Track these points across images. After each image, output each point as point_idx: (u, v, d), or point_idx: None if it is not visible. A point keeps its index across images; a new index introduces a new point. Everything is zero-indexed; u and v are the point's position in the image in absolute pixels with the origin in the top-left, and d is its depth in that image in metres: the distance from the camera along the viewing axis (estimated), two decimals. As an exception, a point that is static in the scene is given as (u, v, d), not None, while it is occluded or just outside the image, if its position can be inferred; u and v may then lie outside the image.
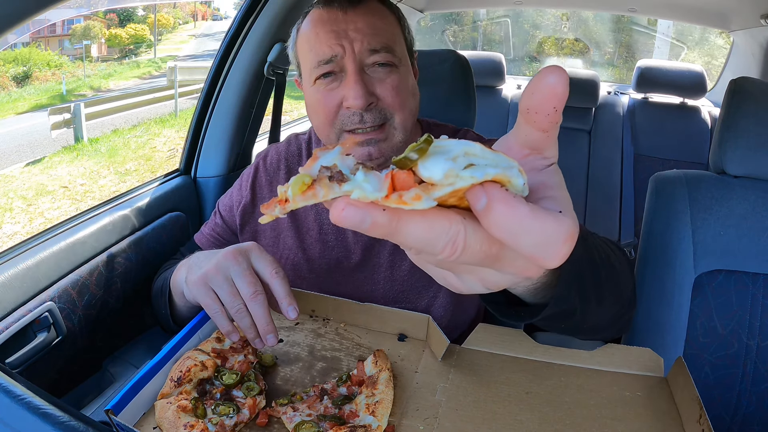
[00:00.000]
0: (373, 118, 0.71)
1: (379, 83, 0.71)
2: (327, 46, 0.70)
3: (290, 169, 0.87)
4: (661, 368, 0.63)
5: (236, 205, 0.88)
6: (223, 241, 0.90)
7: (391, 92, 0.71)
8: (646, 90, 2.21)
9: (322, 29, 0.71)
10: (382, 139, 0.73)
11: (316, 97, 0.74)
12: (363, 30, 0.70)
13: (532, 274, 0.29)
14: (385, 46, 0.71)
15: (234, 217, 0.88)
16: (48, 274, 0.81)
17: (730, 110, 0.88)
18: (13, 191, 5.35)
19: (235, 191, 0.90)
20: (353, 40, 0.70)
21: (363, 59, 0.71)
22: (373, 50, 0.70)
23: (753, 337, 0.87)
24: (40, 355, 0.77)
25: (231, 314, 0.61)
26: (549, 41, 6.90)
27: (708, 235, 0.89)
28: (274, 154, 0.89)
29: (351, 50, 0.70)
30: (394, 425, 0.55)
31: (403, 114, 0.73)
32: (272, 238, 0.84)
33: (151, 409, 0.58)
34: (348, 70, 0.70)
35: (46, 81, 10.28)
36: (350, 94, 0.69)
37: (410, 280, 0.79)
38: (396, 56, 0.73)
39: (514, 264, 0.28)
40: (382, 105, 0.71)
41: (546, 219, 0.24)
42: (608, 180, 2.16)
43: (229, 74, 1.19)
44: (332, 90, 0.72)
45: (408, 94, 0.74)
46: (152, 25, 13.78)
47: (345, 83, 0.70)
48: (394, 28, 0.75)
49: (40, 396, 0.42)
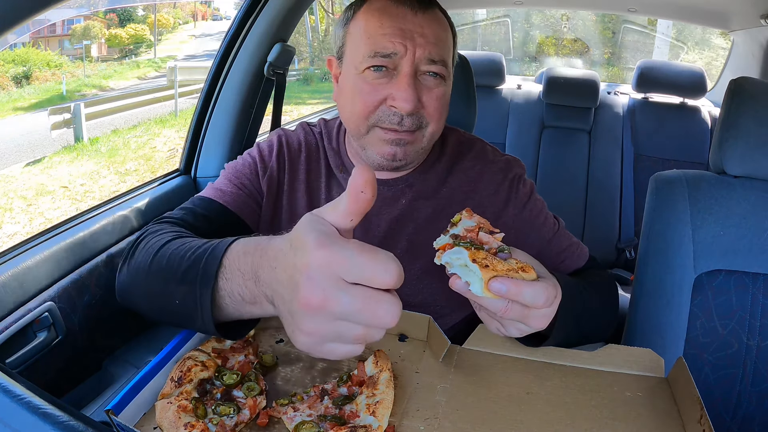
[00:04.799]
0: (411, 123, 0.71)
1: (427, 92, 0.72)
2: (390, 41, 0.70)
3: (310, 157, 0.83)
4: (662, 368, 0.63)
5: (261, 173, 0.80)
6: (245, 197, 0.79)
7: (435, 103, 0.72)
8: (646, 90, 2.21)
9: (389, 22, 0.70)
10: (410, 141, 0.73)
11: (359, 86, 0.72)
12: (428, 37, 0.71)
13: (542, 326, 0.56)
14: (442, 59, 0.72)
15: (259, 182, 0.80)
16: (48, 274, 0.81)
17: (730, 110, 0.88)
18: (13, 191, 5.35)
19: (256, 158, 0.81)
20: (417, 44, 0.70)
21: (419, 65, 0.71)
22: (431, 60, 0.71)
23: (753, 337, 0.87)
24: (40, 355, 0.77)
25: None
26: (549, 41, 6.90)
27: (708, 235, 0.89)
28: (294, 137, 0.85)
29: (412, 53, 0.70)
30: (394, 425, 0.55)
31: (437, 125, 0.74)
32: (286, 221, 0.82)
33: (151, 409, 0.58)
34: (403, 71, 0.70)
35: (46, 81, 10.27)
36: (401, 96, 0.69)
37: (418, 284, 0.78)
38: (447, 70, 0.74)
39: (535, 320, 0.55)
40: (423, 112, 0.72)
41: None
42: (608, 180, 2.16)
43: (229, 74, 1.19)
44: (380, 84, 0.71)
45: (445, 107, 0.75)
46: (152, 25, 13.78)
47: (397, 83, 0.70)
48: (451, 42, 0.76)
49: (40, 396, 0.42)
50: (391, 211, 0.80)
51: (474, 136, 0.89)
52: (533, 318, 0.55)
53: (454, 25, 0.79)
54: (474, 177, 0.82)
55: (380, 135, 0.73)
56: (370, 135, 0.74)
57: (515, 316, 0.54)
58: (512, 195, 0.81)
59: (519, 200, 0.81)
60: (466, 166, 0.83)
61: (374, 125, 0.73)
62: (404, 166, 0.76)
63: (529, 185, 0.83)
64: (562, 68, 2.42)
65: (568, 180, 2.19)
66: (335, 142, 0.85)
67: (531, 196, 0.82)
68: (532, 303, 0.51)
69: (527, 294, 0.50)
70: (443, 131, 0.86)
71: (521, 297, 0.50)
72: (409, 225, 0.79)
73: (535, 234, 0.80)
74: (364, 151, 0.76)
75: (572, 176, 2.19)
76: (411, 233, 0.80)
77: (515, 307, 0.52)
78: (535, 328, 0.56)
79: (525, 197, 0.81)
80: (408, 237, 0.80)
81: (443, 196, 0.80)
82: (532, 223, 0.80)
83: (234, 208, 0.77)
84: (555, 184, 2.18)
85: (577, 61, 6.63)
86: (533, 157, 2.24)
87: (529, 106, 2.29)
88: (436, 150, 0.83)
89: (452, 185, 0.81)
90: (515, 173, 0.82)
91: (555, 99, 2.21)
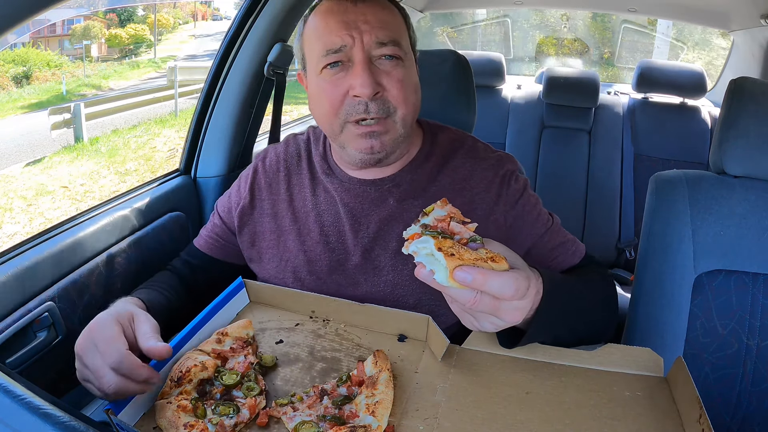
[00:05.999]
0: (377, 109, 0.72)
1: (386, 75, 0.73)
2: (337, 35, 0.72)
3: (289, 171, 0.87)
4: (661, 368, 0.63)
5: (234, 207, 0.88)
6: (223, 243, 0.90)
7: (396, 85, 0.73)
8: (646, 90, 2.21)
9: (332, 19, 0.73)
10: (384, 132, 0.74)
11: (321, 86, 0.74)
12: (372, 22, 0.72)
13: (516, 319, 0.55)
14: (393, 39, 0.73)
15: (232, 218, 0.88)
16: (48, 274, 0.81)
17: (730, 110, 0.88)
18: (13, 191, 5.35)
19: (234, 192, 0.90)
20: (363, 32, 0.72)
21: (371, 50, 0.72)
22: (381, 43, 0.72)
23: (753, 337, 0.87)
24: (40, 355, 0.77)
25: None
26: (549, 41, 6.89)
27: (708, 235, 0.89)
28: (273, 156, 0.89)
29: (360, 41, 0.71)
30: (393, 425, 0.55)
31: (405, 108, 0.74)
32: (273, 240, 0.84)
33: (151, 409, 0.58)
34: (356, 59, 0.72)
35: (46, 81, 10.27)
36: (358, 82, 0.70)
37: (412, 284, 0.78)
38: (402, 50, 0.74)
39: (508, 313, 0.53)
40: (387, 96, 0.73)
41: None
42: (608, 180, 2.16)
43: (229, 74, 1.19)
44: (339, 79, 0.73)
45: (411, 90, 0.76)
46: (152, 25, 13.78)
47: (352, 72, 0.72)
48: (401, 24, 0.77)
49: (40, 396, 0.42)
50: (379, 212, 0.80)
51: (466, 133, 0.88)
52: (505, 311, 0.53)
53: (404, 9, 0.80)
54: (465, 175, 0.82)
55: (353, 131, 0.74)
56: (345, 133, 0.75)
57: (486, 309, 0.52)
58: (503, 191, 0.81)
59: (510, 196, 0.80)
60: (457, 164, 0.83)
61: (345, 121, 0.74)
62: (386, 158, 0.77)
63: (522, 181, 0.83)
64: (562, 68, 2.42)
65: (568, 180, 2.19)
66: (322, 148, 0.87)
67: (524, 192, 0.82)
68: (500, 293, 0.50)
69: (494, 284, 0.49)
70: (433, 129, 0.87)
71: (487, 287, 0.49)
72: (398, 225, 0.79)
73: (528, 230, 0.80)
74: (344, 150, 0.77)
75: (572, 176, 2.19)
76: (401, 233, 0.80)
77: (485, 298, 0.51)
78: (509, 321, 0.54)
79: (517, 193, 0.81)
80: (398, 237, 0.79)
81: (433, 195, 0.80)
82: (524, 219, 0.80)
83: (214, 254, 0.91)
84: (555, 184, 2.18)
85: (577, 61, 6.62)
86: (533, 157, 2.24)
87: (529, 106, 2.28)
88: (425, 148, 0.84)
89: (442, 183, 0.81)
90: (507, 169, 0.82)
91: (555, 99, 2.21)
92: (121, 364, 0.55)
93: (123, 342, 0.58)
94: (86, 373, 0.58)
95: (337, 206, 0.81)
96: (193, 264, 0.90)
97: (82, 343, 0.59)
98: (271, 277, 0.84)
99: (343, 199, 0.81)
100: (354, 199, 0.81)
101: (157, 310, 0.73)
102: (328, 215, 0.81)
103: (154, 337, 0.60)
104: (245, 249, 0.87)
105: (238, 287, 0.78)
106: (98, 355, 0.57)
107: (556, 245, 0.81)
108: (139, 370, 0.56)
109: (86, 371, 0.58)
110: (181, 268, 0.90)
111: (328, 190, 0.83)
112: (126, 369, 0.55)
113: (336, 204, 0.81)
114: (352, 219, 0.80)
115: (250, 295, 0.80)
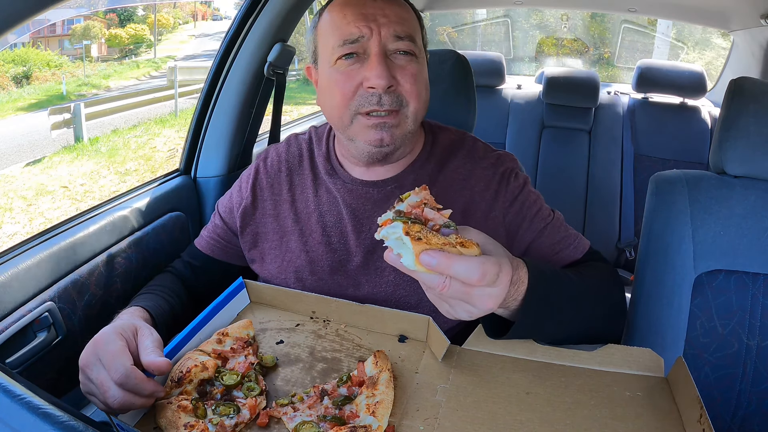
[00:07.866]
0: (390, 101, 0.72)
1: (400, 69, 0.74)
2: (355, 26, 0.72)
3: (291, 171, 0.87)
4: (661, 368, 0.63)
5: (236, 207, 0.87)
6: (225, 243, 0.89)
7: (410, 79, 0.74)
8: (646, 90, 2.21)
9: (351, 11, 0.74)
10: (395, 125, 0.74)
11: (334, 77, 0.75)
12: (390, 16, 0.74)
13: (490, 306, 0.54)
14: (409, 35, 0.74)
15: (234, 218, 0.87)
16: (48, 274, 0.81)
17: (730, 110, 0.88)
18: (13, 191, 5.35)
19: (235, 193, 0.90)
20: (381, 24, 0.73)
21: (387, 44, 0.73)
22: (398, 36, 0.73)
23: (753, 337, 0.87)
24: (40, 355, 0.77)
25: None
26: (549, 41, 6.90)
27: (708, 235, 0.89)
28: (275, 156, 0.89)
29: (377, 33, 0.72)
30: (394, 425, 0.55)
31: (417, 104, 0.75)
32: (275, 241, 0.84)
33: (151, 409, 0.58)
34: (372, 52, 0.72)
35: (46, 81, 10.27)
36: (373, 74, 0.71)
37: (413, 285, 0.78)
38: (417, 47, 0.76)
39: (480, 300, 0.53)
40: (400, 90, 0.73)
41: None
42: (608, 180, 2.16)
43: (229, 74, 1.19)
44: (353, 71, 0.73)
45: (423, 86, 0.77)
46: (152, 25, 13.77)
47: (368, 64, 0.72)
48: (416, 23, 0.79)
49: (40, 396, 0.42)
50: (381, 213, 0.80)
51: (466, 133, 0.89)
52: (477, 297, 0.52)
53: (417, 10, 0.81)
54: (465, 174, 0.82)
55: (364, 122, 0.74)
56: (355, 125, 0.75)
57: (456, 294, 0.52)
58: (502, 189, 0.81)
59: (509, 193, 0.81)
60: (457, 164, 0.83)
61: (356, 113, 0.74)
62: (392, 153, 0.77)
63: (522, 179, 0.83)
64: (562, 68, 2.43)
65: (568, 180, 2.19)
66: (324, 147, 0.87)
67: (523, 189, 0.82)
68: (466, 278, 0.50)
69: (459, 267, 0.49)
70: (434, 130, 0.87)
71: (452, 270, 0.49)
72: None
73: (528, 225, 0.80)
74: (352, 143, 0.76)
75: (572, 176, 2.19)
76: None
77: (454, 284, 0.51)
78: (483, 309, 0.54)
79: (516, 190, 0.81)
80: None
81: (434, 196, 0.80)
82: (524, 215, 0.80)
83: (216, 255, 0.90)
84: (555, 184, 2.18)
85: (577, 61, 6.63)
86: (533, 157, 2.24)
87: (529, 106, 2.29)
88: (426, 149, 0.84)
89: (443, 184, 0.81)
90: (506, 167, 0.83)
91: (555, 99, 2.21)
92: (126, 380, 0.55)
93: (128, 357, 0.58)
94: (91, 387, 0.58)
95: (340, 207, 0.81)
96: (195, 265, 0.90)
97: (87, 357, 0.59)
98: (272, 278, 0.84)
99: (345, 200, 0.81)
100: (356, 200, 0.81)
101: (162, 318, 0.74)
102: (330, 216, 0.82)
103: (155, 351, 0.59)
104: (247, 250, 0.87)
105: (239, 287, 0.78)
106: (103, 369, 0.57)
107: (557, 240, 0.81)
108: (144, 385, 0.55)
109: (91, 385, 0.58)
110: (183, 269, 0.90)
111: (331, 191, 0.83)
112: (131, 385, 0.55)
113: (338, 205, 0.81)
114: (355, 220, 0.80)
115: (251, 296, 0.80)
